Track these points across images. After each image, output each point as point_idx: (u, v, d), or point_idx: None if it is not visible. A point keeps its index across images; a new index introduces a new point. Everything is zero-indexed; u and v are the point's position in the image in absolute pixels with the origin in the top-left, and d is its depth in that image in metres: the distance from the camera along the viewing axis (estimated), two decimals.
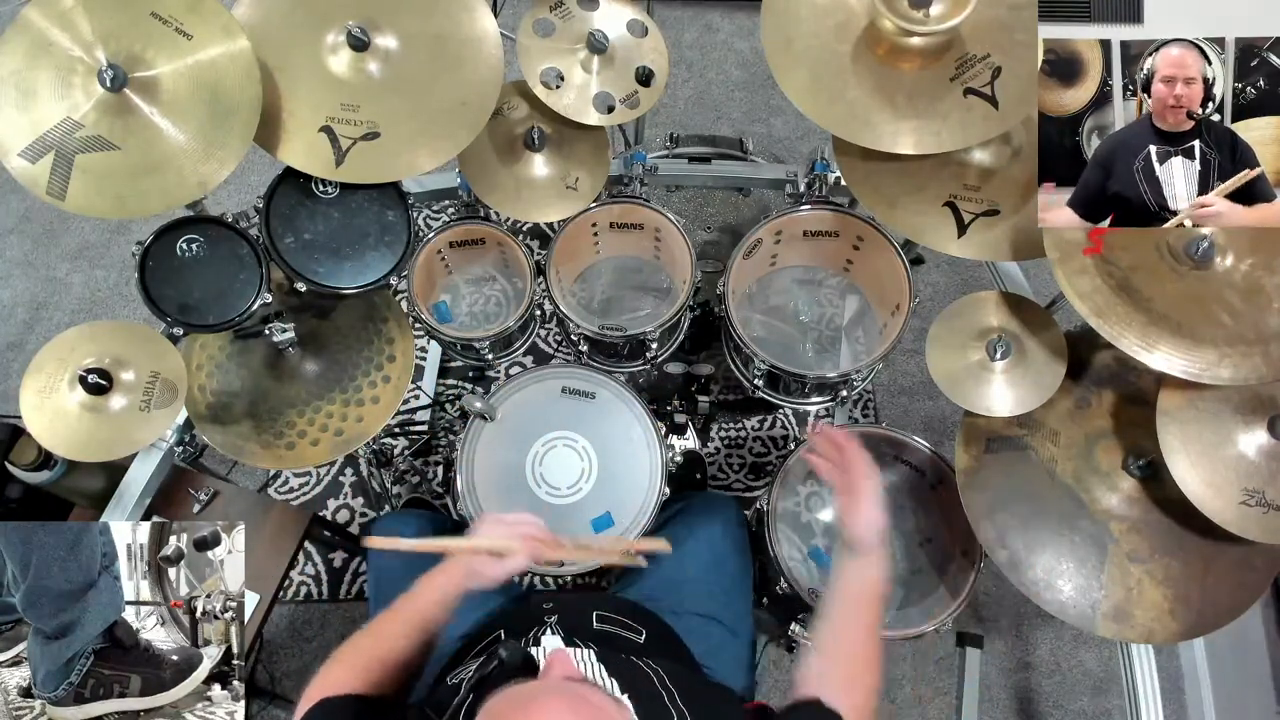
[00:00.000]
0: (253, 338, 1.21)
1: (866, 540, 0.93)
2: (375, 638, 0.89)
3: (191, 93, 0.97)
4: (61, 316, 2.18)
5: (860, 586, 0.93)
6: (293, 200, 1.11)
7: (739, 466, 2.02)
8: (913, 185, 1.19)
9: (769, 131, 2.49)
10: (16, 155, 0.91)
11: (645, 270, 1.62)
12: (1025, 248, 1.15)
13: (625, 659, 0.83)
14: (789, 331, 1.55)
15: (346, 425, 1.24)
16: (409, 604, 0.92)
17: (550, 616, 1.00)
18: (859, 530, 0.93)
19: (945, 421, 2.06)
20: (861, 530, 0.93)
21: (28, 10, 0.91)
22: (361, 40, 1.07)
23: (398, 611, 0.91)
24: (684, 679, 0.79)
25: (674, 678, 0.78)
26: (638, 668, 0.81)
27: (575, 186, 1.32)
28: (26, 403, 1.00)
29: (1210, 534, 1.05)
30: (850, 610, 0.92)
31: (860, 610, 0.92)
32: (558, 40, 1.24)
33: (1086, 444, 1.16)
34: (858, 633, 0.90)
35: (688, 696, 0.75)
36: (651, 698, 0.74)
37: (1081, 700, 1.85)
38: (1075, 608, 1.10)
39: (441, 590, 0.93)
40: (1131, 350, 0.96)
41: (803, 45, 1.14)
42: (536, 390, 1.37)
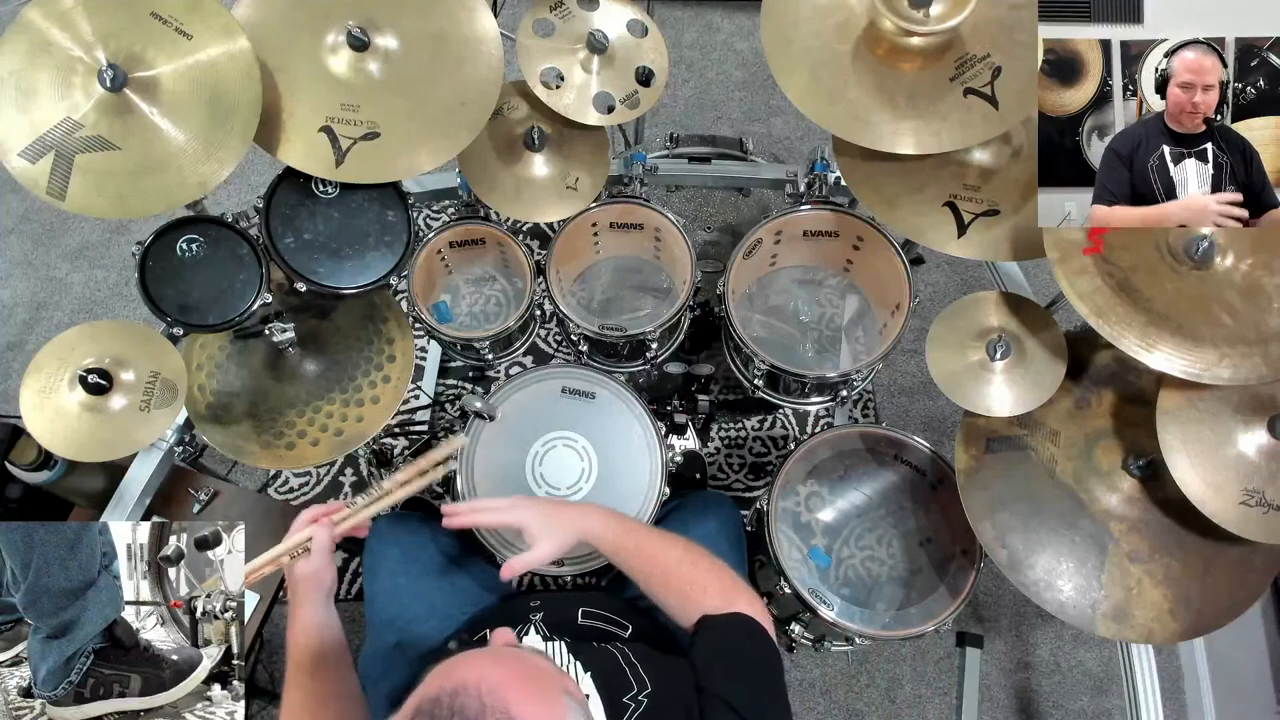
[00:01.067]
0: (253, 338, 1.21)
1: (574, 537, 0.95)
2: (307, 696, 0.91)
3: (191, 93, 0.97)
4: (61, 316, 2.18)
5: (613, 544, 0.95)
6: (293, 200, 1.11)
7: (739, 466, 2.02)
8: (913, 185, 1.19)
9: (769, 131, 2.49)
10: (16, 155, 0.91)
11: (645, 270, 1.62)
12: (1025, 248, 1.15)
13: (596, 647, 0.84)
14: (789, 331, 1.55)
15: (346, 425, 1.24)
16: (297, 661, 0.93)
17: (535, 614, 1.00)
18: (565, 543, 0.95)
19: (945, 421, 2.07)
20: (568, 540, 0.95)
21: (28, 10, 0.91)
22: (361, 40, 1.07)
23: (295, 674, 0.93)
24: (644, 652, 0.82)
25: (636, 653, 0.81)
26: (605, 652, 0.82)
27: (575, 186, 1.32)
28: (26, 403, 1.00)
29: (1210, 534, 1.05)
30: (634, 557, 0.94)
31: (636, 549, 0.94)
32: (558, 40, 1.24)
33: (1086, 444, 1.16)
34: (659, 556, 0.93)
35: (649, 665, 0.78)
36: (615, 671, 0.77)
37: (1081, 700, 1.85)
38: (1075, 608, 1.10)
39: (305, 622, 0.94)
40: (1131, 350, 0.96)
41: (803, 45, 1.14)
42: (536, 390, 1.37)
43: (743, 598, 0.89)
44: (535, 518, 0.96)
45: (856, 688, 1.83)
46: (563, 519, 0.96)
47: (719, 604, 0.87)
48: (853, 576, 1.40)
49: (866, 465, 1.46)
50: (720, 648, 0.82)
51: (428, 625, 1.14)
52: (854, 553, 1.42)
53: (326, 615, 0.94)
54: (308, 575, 0.93)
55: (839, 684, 1.83)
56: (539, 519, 0.96)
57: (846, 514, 1.45)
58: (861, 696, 1.82)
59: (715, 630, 0.84)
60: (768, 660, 0.82)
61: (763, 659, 0.82)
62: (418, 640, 1.12)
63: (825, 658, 1.84)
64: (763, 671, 0.81)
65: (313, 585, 0.94)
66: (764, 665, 0.81)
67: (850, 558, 1.41)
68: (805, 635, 1.56)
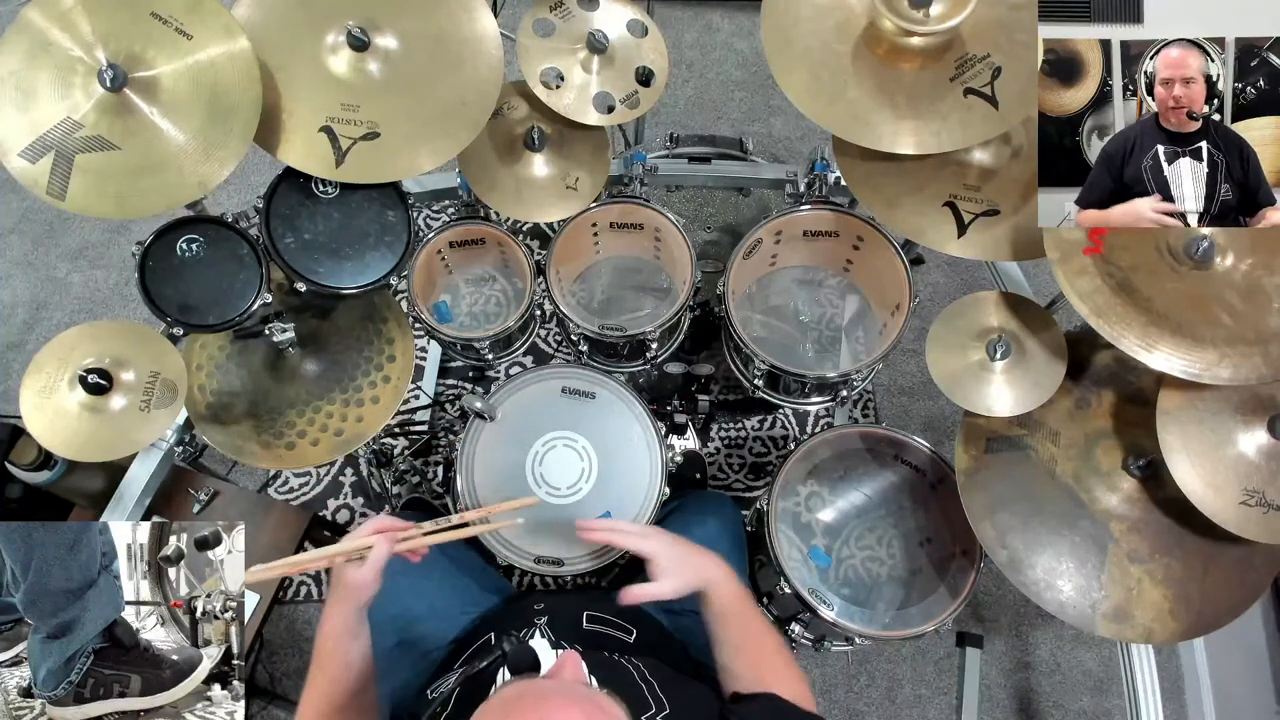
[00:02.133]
0: (253, 338, 1.21)
1: (697, 583, 0.96)
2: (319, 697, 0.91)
3: (191, 93, 0.97)
4: (61, 316, 2.18)
5: (726, 604, 0.96)
6: (293, 200, 1.11)
7: (739, 466, 2.02)
8: (913, 185, 1.19)
9: (769, 131, 2.49)
10: (16, 155, 0.91)
11: (645, 270, 1.62)
12: (1025, 248, 1.15)
13: (608, 657, 0.84)
14: (789, 331, 1.55)
15: (346, 425, 1.24)
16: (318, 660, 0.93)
17: (540, 618, 1.00)
18: (688, 586, 0.95)
19: (945, 421, 2.07)
20: (690, 583, 0.96)
21: (28, 10, 0.91)
22: (361, 40, 1.07)
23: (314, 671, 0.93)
24: (662, 672, 0.82)
25: (653, 671, 0.81)
26: (619, 665, 0.82)
27: (575, 186, 1.32)
28: (26, 403, 1.00)
29: (1210, 534, 1.05)
30: (737, 625, 0.95)
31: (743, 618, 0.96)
32: (558, 40, 1.24)
33: (1086, 444, 1.16)
34: (757, 634, 0.94)
35: (666, 686, 0.78)
36: (631, 687, 0.77)
37: (1081, 700, 1.85)
38: (1075, 608, 1.10)
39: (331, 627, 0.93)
40: (1131, 350, 0.96)
41: (803, 45, 1.14)
42: (536, 390, 1.37)
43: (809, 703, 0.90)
44: (666, 550, 0.97)
45: (856, 688, 1.83)
46: (694, 561, 0.98)
47: (788, 694, 0.88)
48: (853, 576, 1.40)
49: (866, 465, 1.46)
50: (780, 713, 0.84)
51: (429, 625, 1.14)
52: (854, 553, 1.42)
53: (356, 625, 0.94)
54: (354, 582, 0.93)
55: (839, 684, 1.83)
56: (670, 554, 0.97)
57: (846, 514, 1.45)
58: (861, 696, 1.82)
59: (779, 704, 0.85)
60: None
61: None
62: (418, 640, 1.12)
63: (825, 658, 1.84)
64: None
65: (352, 592, 0.93)
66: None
67: (850, 558, 1.41)
68: (805, 635, 1.56)
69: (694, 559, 0.98)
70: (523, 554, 1.25)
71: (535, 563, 1.24)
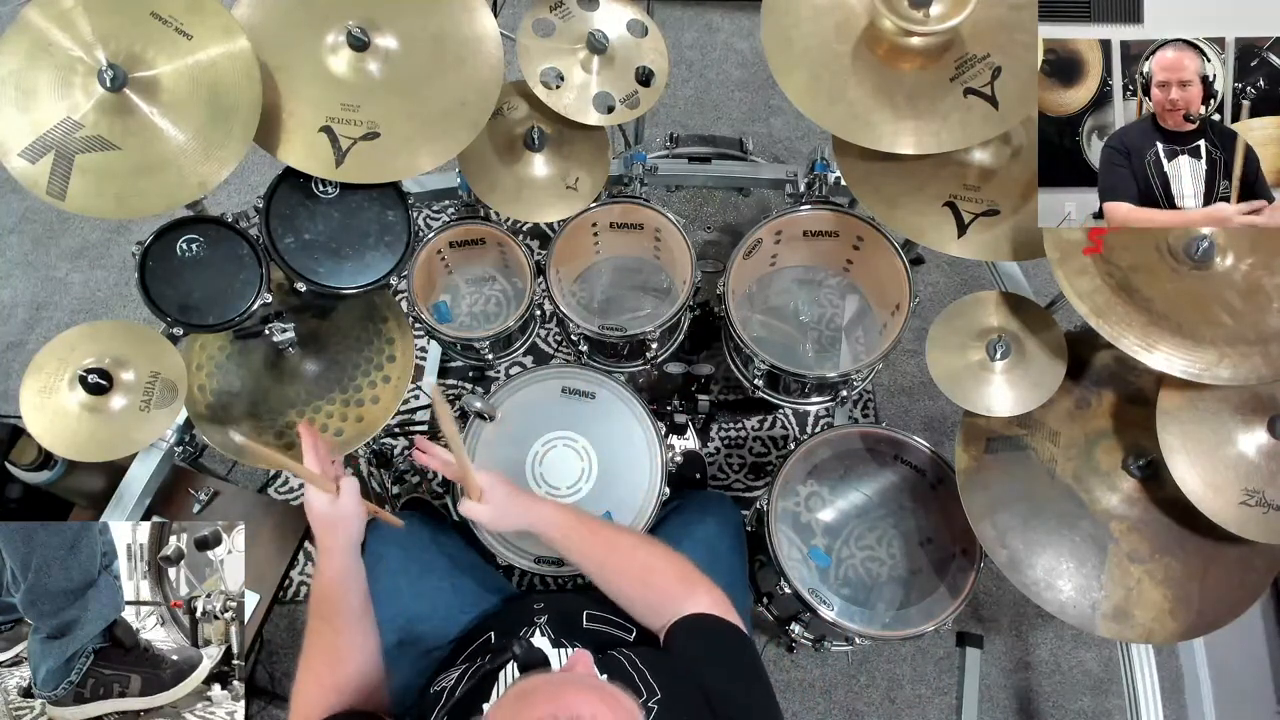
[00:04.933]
0: (253, 338, 1.21)
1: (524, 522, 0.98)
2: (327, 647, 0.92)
3: (191, 93, 0.97)
4: (61, 316, 2.18)
5: (565, 530, 0.98)
6: (293, 200, 1.11)
7: (739, 466, 2.02)
8: (913, 185, 1.19)
9: (769, 131, 2.49)
10: (16, 155, 0.91)
11: (645, 270, 1.62)
12: (1025, 248, 1.15)
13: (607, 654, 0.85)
14: (789, 331, 1.55)
15: (346, 425, 1.24)
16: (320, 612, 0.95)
17: (540, 617, 1.00)
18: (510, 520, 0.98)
19: (945, 421, 2.07)
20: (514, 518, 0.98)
21: (28, 10, 0.91)
22: (361, 40, 1.07)
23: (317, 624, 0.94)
24: (649, 656, 0.83)
25: (642, 658, 0.82)
26: (613, 659, 0.83)
27: (575, 186, 1.32)
28: (26, 403, 1.00)
29: (1210, 534, 1.05)
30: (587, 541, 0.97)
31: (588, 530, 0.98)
32: (558, 40, 1.24)
33: (1086, 444, 1.16)
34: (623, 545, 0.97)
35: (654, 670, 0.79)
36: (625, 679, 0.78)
37: (1081, 700, 1.85)
38: (1075, 608, 1.10)
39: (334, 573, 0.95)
40: (1131, 350, 0.96)
41: (803, 45, 1.14)
42: (536, 390, 1.37)
43: (701, 585, 0.92)
44: (498, 485, 0.99)
45: (856, 688, 1.83)
46: (521, 500, 1.00)
47: (680, 592, 0.91)
48: (853, 576, 1.40)
49: (866, 465, 1.46)
50: (713, 647, 0.85)
51: (429, 625, 1.14)
52: (854, 553, 1.42)
53: (356, 565, 0.95)
54: (341, 515, 0.94)
55: (839, 684, 1.83)
56: (500, 489, 0.99)
57: (846, 514, 1.45)
58: (861, 696, 1.82)
59: (698, 632, 0.87)
60: (747, 649, 0.87)
61: (745, 651, 0.86)
62: (419, 639, 1.12)
63: (825, 658, 1.84)
64: (754, 666, 0.85)
65: (343, 526, 0.94)
66: (751, 658, 0.86)
67: (850, 558, 1.41)
68: (805, 635, 1.56)
69: (522, 499, 1.00)
70: (523, 554, 1.25)
71: (535, 563, 1.24)
